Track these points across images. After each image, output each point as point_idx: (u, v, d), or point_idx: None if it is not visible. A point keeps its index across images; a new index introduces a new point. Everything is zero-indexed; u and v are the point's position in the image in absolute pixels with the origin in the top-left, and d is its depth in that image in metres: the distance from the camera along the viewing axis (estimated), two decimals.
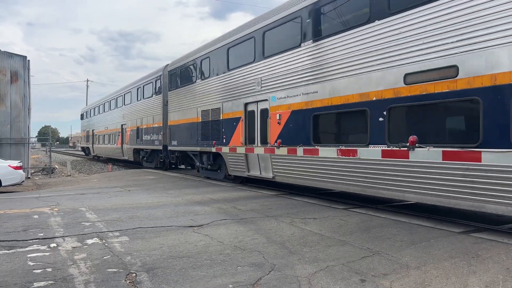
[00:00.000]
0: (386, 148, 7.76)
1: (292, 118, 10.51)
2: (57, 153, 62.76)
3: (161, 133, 19.81)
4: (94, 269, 4.70)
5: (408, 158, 7.26)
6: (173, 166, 20.45)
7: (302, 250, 5.48)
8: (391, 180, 7.78)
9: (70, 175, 22.36)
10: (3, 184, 14.47)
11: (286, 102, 10.74)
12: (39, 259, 5.11)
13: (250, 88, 12.32)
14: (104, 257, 5.17)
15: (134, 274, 4.54)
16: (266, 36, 11.54)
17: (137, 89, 23.56)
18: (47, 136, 36.84)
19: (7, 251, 5.47)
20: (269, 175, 11.56)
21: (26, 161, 19.62)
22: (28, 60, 20.19)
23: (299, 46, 10.20)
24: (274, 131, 11.19)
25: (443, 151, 6.71)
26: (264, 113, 11.73)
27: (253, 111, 12.34)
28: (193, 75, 16.14)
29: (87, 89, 67.17)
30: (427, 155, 6.94)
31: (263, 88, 11.67)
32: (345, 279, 4.37)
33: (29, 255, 5.26)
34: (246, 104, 12.59)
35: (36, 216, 8.01)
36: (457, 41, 6.57)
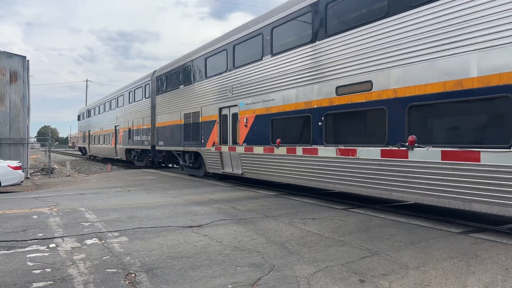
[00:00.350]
0: (323, 147, 9.43)
1: (256, 121, 12.08)
2: (57, 153, 62.74)
3: (150, 134, 21.32)
4: (93, 270, 4.71)
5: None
6: (163, 165, 21.53)
7: (301, 251, 5.49)
8: (312, 172, 9.82)
9: (69, 175, 22.35)
10: (2, 184, 14.47)
11: (251, 108, 12.29)
12: (38, 259, 5.11)
13: (224, 95, 13.82)
14: (104, 258, 5.17)
15: (133, 275, 4.54)
16: (236, 49, 13.10)
17: (129, 92, 24.99)
18: (46, 136, 37.75)
19: (7, 252, 5.47)
20: (238, 171, 13.05)
21: (26, 161, 19.62)
22: (28, 60, 20.18)
23: (261, 59, 11.78)
24: (242, 133, 12.72)
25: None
26: (235, 116, 13.22)
27: (226, 115, 13.83)
28: (177, 81, 17.68)
29: (86, 89, 67.08)
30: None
31: (233, 95, 13.17)
32: (344, 280, 4.38)
33: (28, 256, 5.26)
34: (220, 109, 14.12)
35: (35, 216, 8.00)
36: (371, 61, 8.25)
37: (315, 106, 9.74)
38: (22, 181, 15.63)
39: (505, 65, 6.01)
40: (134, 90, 23.98)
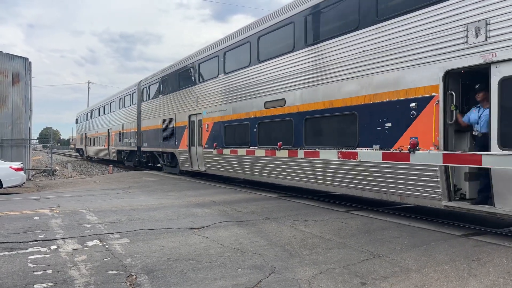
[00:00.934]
0: (257, 149, 12.07)
1: (214, 127, 14.70)
2: (58, 155, 62.83)
3: (136, 136, 23.71)
4: (94, 271, 4.71)
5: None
6: (150, 164, 23.44)
7: (302, 253, 5.48)
8: (251, 168, 12.54)
9: (71, 177, 22.38)
10: (4, 186, 14.49)
11: (211, 116, 14.92)
12: (40, 261, 5.12)
13: (192, 104, 16.47)
14: (105, 259, 5.17)
15: (134, 276, 4.54)
16: (201, 66, 15.92)
17: (119, 99, 27.55)
18: (48, 137, 39.09)
19: (8, 253, 5.48)
20: (202, 168, 15.81)
21: (27, 163, 19.66)
22: (30, 62, 20.24)
23: (217, 77, 14.46)
24: (204, 136, 15.37)
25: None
26: (200, 123, 15.87)
27: (193, 121, 16.45)
28: (158, 91, 20.47)
29: (88, 90, 67.36)
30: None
31: (199, 105, 15.88)
32: (346, 282, 4.37)
33: (29, 257, 5.27)
34: (189, 116, 16.72)
35: (36, 218, 8.01)
36: (284, 83, 10.90)
37: (252, 116, 12.37)
38: (23, 183, 15.65)
39: (353, 91, 8.72)
40: (124, 97, 26.46)
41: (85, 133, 40.27)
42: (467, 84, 7.10)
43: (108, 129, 30.14)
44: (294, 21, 10.55)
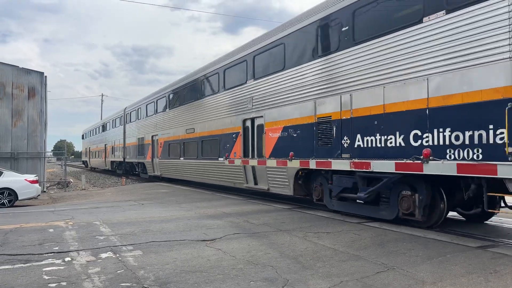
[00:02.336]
0: (197, 160, 17.41)
1: (164, 144, 21.03)
2: (72, 167, 63.57)
3: (122, 150, 30.26)
4: (107, 283, 4.73)
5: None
6: (135, 172, 28.75)
7: (315, 265, 5.44)
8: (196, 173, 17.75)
9: (84, 189, 22.62)
10: (19, 198, 14.71)
11: (163, 137, 21.30)
12: (54, 272, 5.17)
13: (153, 128, 22.86)
14: (118, 271, 5.20)
15: None
16: (158, 102, 22.39)
17: (112, 120, 34.90)
18: (62, 150, 42.24)
19: (23, 265, 5.55)
20: (159, 173, 22.39)
21: (42, 175, 19.95)
22: (45, 76, 20.69)
23: (164, 111, 21.29)
24: (159, 151, 21.79)
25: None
26: (157, 141, 22.17)
27: (154, 140, 22.74)
28: (135, 116, 26.98)
29: (101, 103, 68.44)
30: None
31: (156, 128, 22.34)
32: None
33: (44, 269, 5.32)
34: (152, 136, 23.08)
35: (51, 230, 8.11)
36: (194, 119, 16.79)
37: (181, 138, 18.82)
38: (38, 195, 15.87)
39: (218, 127, 15.14)
40: (115, 119, 33.52)
41: (89, 147, 47.84)
42: None
43: (105, 144, 37.28)
44: (197, 81, 17.12)
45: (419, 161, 7.23)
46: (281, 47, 11.31)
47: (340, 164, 9.11)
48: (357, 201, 8.99)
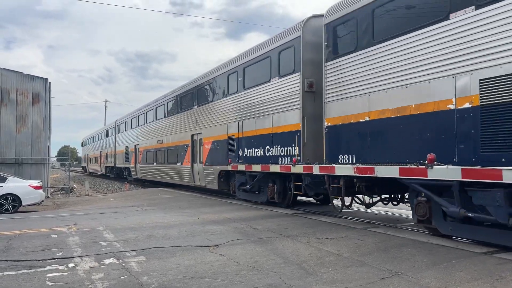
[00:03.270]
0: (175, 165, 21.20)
1: (143, 152, 25.60)
2: (76, 173, 63.76)
3: (113, 157, 35.12)
4: None
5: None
6: (124, 176, 32.91)
7: (319, 271, 5.41)
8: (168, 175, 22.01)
9: (88, 194, 22.66)
10: (23, 204, 14.75)
11: (143, 145, 25.78)
12: (58, 279, 5.16)
13: (137, 137, 27.30)
14: (121, 277, 5.19)
15: None
16: (139, 118, 26.93)
17: (106, 130, 39.73)
18: (66, 156, 44.27)
19: (27, 271, 5.54)
20: (139, 176, 26.99)
21: (46, 181, 20.00)
22: (49, 82, 20.79)
23: (144, 125, 25.79)
24: (140, 157, 26.35)
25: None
26: (139, 149, 26.72)
27: (137, 148, 27.14)
28: (124, 128, 31.57)
29: (105, 109, 68.33)
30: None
31: (138, 139, 27.03)
32: None
33: (47, 275, 5.32)
34: (135, 145, 27.60)
35: (55, 236, 8.11)
36: (162, 132, 22.16)
37: (154, 147, 23.25)
38: (42, 201, 15.90)
39: (177, 140, 19.73)
40: (108, 130, 38.42)
41: (87, 154, 53.38)
42: None
43: (100, 151, 42.31)
44: (164, 103, 22.15)
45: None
46: (211, 85, 16.15)
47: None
48: (247, 191, 13.54)
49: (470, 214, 6.59)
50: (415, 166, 7.14)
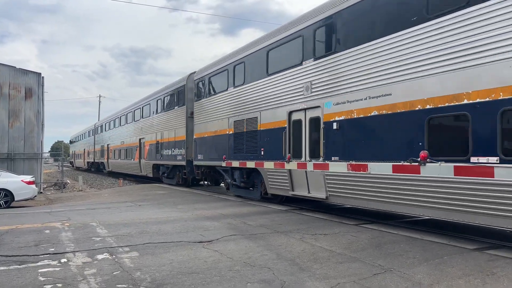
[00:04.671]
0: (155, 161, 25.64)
1: (113, 150, 31.40)
2: (69, 168, 63.39)
3: (94, 153, 40.88)
4: (104, 285, 4.71)
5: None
6: (101, 168, 38.31)
7: (312, 267, 5.43)
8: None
9: (81, 190, 22.55)
10: (16, 199, 14.63)
11: (112, 145, 32.10)
12: (50, 274, 5.14)
13: (108, 139, 33.81)
14: (114, 273, 5.17)
15: None
16: (110, 123, 33.05)
17: (89, 131, 45.35)
18: (59, 151, 45.18)
19: (18, 266, 5.51)
20: (110, 169, 33.52)
21: (39, 176, 19.86)
22: (42, 77, 20.59)
23: (113, 128, 32.49)
24: (110, 154, 32.47)
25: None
26: (110, 148, 32.75)
27: (109, 147, 32.84)
28: (100, 129, 37.94)
29: (99, 105, 67.86)
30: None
31: (109, 140, 33.06)
32: None
33: (40, 270, 5.29)
34: (108, 144, 33.20)
35: (47, 231, 8.07)
36: (123, 135, 29.74)
37: (119, 147, 29.59)
38: (35, 196, 15.79)
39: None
40: (91, 130, 43.63)
41: (74, 151, 59.55)
42: None
43: (84, 149, 48.28)
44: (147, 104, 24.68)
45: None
46: (149, 105, 23.70)
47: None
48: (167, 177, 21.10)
49: (234, 182, 14.22)
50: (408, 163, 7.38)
